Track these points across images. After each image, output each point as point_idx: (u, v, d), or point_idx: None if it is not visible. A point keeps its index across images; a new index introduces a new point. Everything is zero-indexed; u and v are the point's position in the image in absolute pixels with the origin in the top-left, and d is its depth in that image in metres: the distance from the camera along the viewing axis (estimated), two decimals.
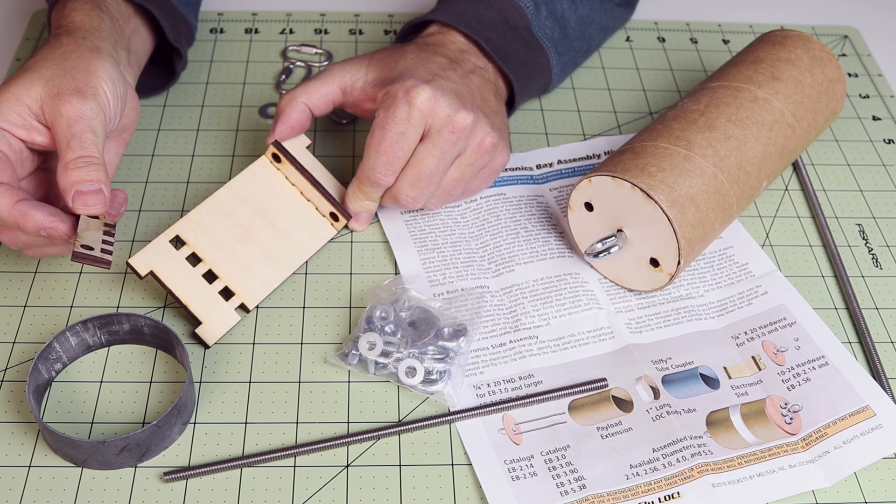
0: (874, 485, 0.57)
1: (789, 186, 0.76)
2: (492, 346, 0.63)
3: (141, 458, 0.56)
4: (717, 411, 0.60)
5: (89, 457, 0.55)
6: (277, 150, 0.68)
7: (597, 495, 0.55)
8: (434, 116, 0.63)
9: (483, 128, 0.65)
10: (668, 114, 0.68)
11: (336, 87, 0.69)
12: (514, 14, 0.73)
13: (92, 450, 0.54)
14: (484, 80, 0.70)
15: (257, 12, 0.89)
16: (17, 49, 0.84)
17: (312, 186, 0.68)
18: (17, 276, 0.66)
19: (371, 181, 0.65)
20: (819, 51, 0.72)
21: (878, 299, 0.68)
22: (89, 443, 0.54)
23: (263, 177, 0.68)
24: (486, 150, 0.66)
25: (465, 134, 0.64)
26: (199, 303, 0.62)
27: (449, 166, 0.66)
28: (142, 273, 0.61)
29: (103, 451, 0.54)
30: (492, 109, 0.68)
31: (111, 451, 0.54)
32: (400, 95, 0.64)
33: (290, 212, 0.68)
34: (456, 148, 0.64)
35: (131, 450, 0.55)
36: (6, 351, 0.61)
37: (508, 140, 0.70)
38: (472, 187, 0.69)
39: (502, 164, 0.69)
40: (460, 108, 0.64)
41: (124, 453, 0.55)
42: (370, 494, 0.56)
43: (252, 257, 0.65)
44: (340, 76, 0.69)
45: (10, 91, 0.59)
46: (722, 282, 0.68)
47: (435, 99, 0.63)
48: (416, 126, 0.63)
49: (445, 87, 0.65)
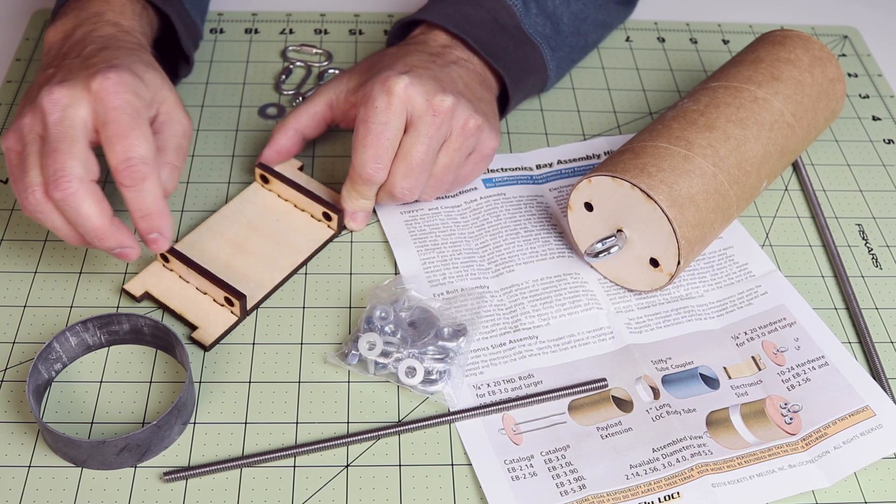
0: (874, 485, 0.57)
1: (789, 186, 0.76)
2: (492, 346, 0.63)
3: (141, 458, 0.56)
4: (717, 411, 0.60)
5: (89, 457, 0.55)
6: (263, 171, 0.70)
7: (597, 495, 0.55)
8: (413, 103, 0.64)
9: (464, 110, 0.65)
10: (667, 114, 0.68)
11: (322, 105, 0.71)
12: (503, 12, 0.73)
13: (92, 450, 0.54)
14: (468, 70, 0.70)
15: (257, 12, 0.89)
16: (18, 49, 0.84)
17: (301, 193, 0.69)
18: (17, 276, 0.66)
19: (363, 178, 0.65)
20: (819, 51, 0.72)
21: (878, 299, 0.68)
22: (89, 443, 0.54)
23: (255, 199, 0.70)
24: (470, 133, 0.66)
25: (447, 117, 0.64)
26: (195, 310, 0.63)
27: (437, 153, 0.66)
28: (136, 295, 0.64)
29: (103, 451, 0.54)
30: (475, 96, 0.69)
31: (111, 451, 0.54)
32: (377, 88, 0.64)
33: (284, 223, 0.69)
34: (441, 132, 0.64)
35: (131, 450, 0.55)
36: (6, 351, 0.61)
37: (497, 126, 0.70)
38: (463, 174, 0.69)
39: (491, 149, 0.69)
40: (438, 92, 0.64)
41: (124, 453, 0.55)
42: (370, 494, 0.56)
43: (248, 265, 0.66)
44: (325, 93, 0.72)
45: (149, 73, 0.61)
46: (722, 282, 0.68)
47: (412, 85, 0.64)
48: (397, 114, 0.63)
49: (423, 74, 0.65)
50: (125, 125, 0.56)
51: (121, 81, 0.57)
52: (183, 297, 0.63)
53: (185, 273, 0.64)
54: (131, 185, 0.56)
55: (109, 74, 0.57)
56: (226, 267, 0.65)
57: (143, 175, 0.56)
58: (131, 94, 0.57)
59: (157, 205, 0.58)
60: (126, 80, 0.57)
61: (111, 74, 0.57)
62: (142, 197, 0.57)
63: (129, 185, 0.56)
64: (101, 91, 0.56)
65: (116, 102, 0.56)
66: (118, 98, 0.56)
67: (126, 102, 0.57)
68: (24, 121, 0.58)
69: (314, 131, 0.72)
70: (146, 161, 0.57)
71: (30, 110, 0.58)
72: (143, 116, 0.57)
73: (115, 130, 0.56)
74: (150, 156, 0.57)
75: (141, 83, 0.59)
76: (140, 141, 0.56)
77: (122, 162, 0.56)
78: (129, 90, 0.57)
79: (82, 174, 0.56)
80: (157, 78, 0.61)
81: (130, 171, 0.56)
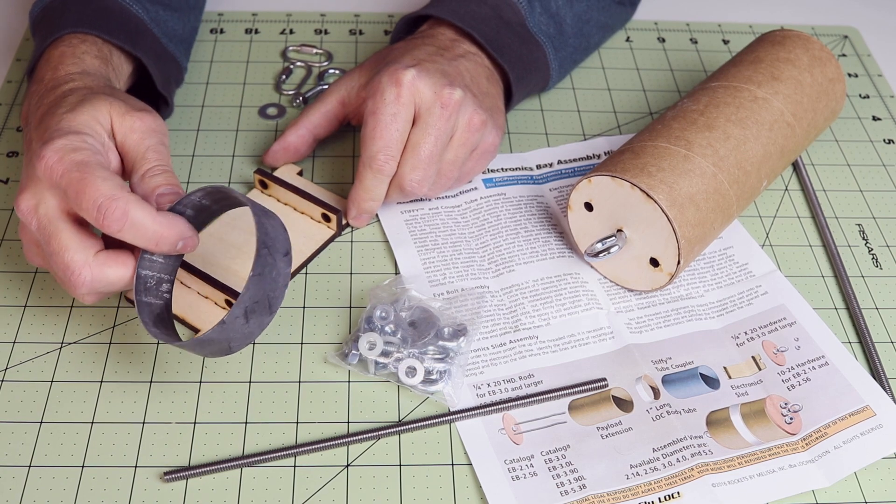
0: (874, 485, 0.57)
1: (789, 186, 0.76)
2: (492, 346, 0.63)
3: (271, 310, 0.54)
4: (717, 411, 0.60)
5: (231, 339, 0.53)
6: (262, 176, 0.70)
7: (597, 495, 0.55)
8: (421, 95, 0.64)
9: (470, 105, 0.65)
10: (667, 114, 0.68)
11: (335, 103, 0.72)
12: (508, 10, 0.74)
13: (224, 332, 0.52)
14: (475, 64, 0.70)
15: (257, 12, 0.89)
16: (18, 49, 0.84)
17: (299, 196, 0.69)
18: (17, 276, 0.66)
19: (373, 170, 0.65)
20: (818, 51, 0.72)
21: (878, 299, 0.68)
22: (215, 330, 0.52)
23: None
24: (475, 128, 0.66)
25: (455, 109, 0.64)
26: (196, 314, 0.63)
27: (446, 145, 0.66)
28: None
29: (232, 329, 0.52)
30: (481, 91, 0.69)
31: (240, 324, 0.52)
32: (385, 80, 0.64)
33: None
34: (449, 125, 0.65)
35: (255, 309, 0.53)
36: (6, 351, 0.61)
37: (502, 122, 0.71)
38: (466, 170, 0.69)
39: (493, 145, 0.69)
40: (446, 85, 0.64)
41: (253, 316, 0.53)
42: (370, 494, 0.56)
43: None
44: (337, 91, 0.72)
45: (80, 114, 0.58)
46: (722, 282, 0.68)
47: (420, 77, 0.64)
48: (406, 106, 0.64)
49: (431, 67, 0.65)
50: (77, 182, 0.54)
51: (55, 151, 0.55)
52: (184, 302, 0.63)
53: (185, 278, 0.64)
54: (120, 228, 0.54)
55: (43, 153, 0.55)
56: (226, 270, 0.65)
57: (121, 209, 0.53)
58: (69, 153, 0.55)
59: (155, 226, 0.55)
60: (59, 146, 0.55)
61: (45, 152, 0.55)
62: (136, 230, 0.54)
63: (117, 228, 0.54)
64: (46, 172, 0.55)
65: (61, 170, 0.54)
66: (60, 167, 0.54)
67: (68, 166, 0.54)
68: (21, 223, 0.58)
69: (326, 130, 0.73)
70: (114, 196, 0.53)
71: (20, 216, 0.57)
72: (90, 163, 0.55)
73: (74, 192, 0.54)
74: (114, 188, 0.54)
75: (75, 134, 0.56)
76: (96, 184, 0.54)
77: (95, 213, 0.53)
78: (66, 151, 0.55)
79: (85, 257, 0.55)
80: (93, 107, 0.59)
81: (108, 215, 0.53)
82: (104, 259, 0.56)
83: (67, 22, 0.67)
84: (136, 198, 0.54)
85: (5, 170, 0.73)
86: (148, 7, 0.72)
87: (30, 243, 0.59)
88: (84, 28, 0.66)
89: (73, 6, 0.68)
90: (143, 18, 0.71)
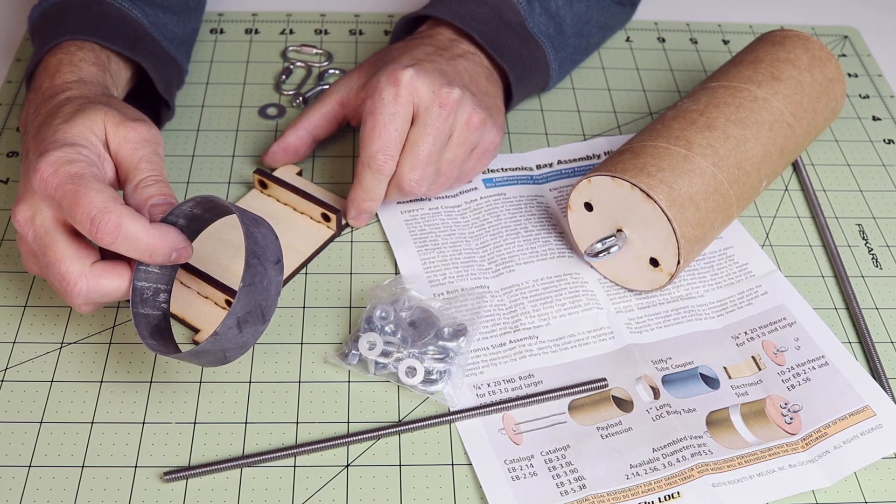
0: (874, 485, 0.57)
1: (789, 186, 0.76)
2: (492, 346, 0.63)
3: (264, 319, 0.54)
4: (717, 411, 0.60)
5: (226, 349, 0.53)
6: (261, 177, 0.70)
7: (597, 495, 0.55)
8: (420, 94, 0.64)
9: (469, 104, 0.66)
10: (667, 114, 0.68)
11: (334, 103, 0.72)
12: (508, 10, 0.74)
13: (219, 342, 0.52)
14: (474, 63, 0.70)
15: (257, 13, 0.89)
16: (18, 49, 0.84)
17: (299, 196, 0.69)
18: (17, 277, 0.66)
19: (372, 169, 0.65)
20: (818, 51, 0.72)
21: (878, 299, 0.68)
22: (209, 341, 0.52)
23: (253, 204, 0.70)
24: (474, 127, 0.66)
25: (453, 109, 0.64)
26: (196, 314, 0.63)
27: (445, 145, 0.66)
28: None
29: (226, 340, 0.52)
30: (480, 90, 0.69)
31: (233, 335, 0.53)
32: (383, 80, 0.64)
33: (283, 226, 0.69)
34: (447, 124, 0.65)
35: (247, 319, 0.53)
36: (6, 351, 0.61)
37: (502, 121, 0.71)
38: (466, 170, 0.69)
39: (494, 144, 0.69)
40: (444, 84, 0.65)
41: (246, 326, 0.53)
42: (370, 494, 0.56)
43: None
44: (336, 92, 0.72)
45: (76, 125, 0.58)
46: (722, 282, 0.68)
47: (419, 77, 0.64)
48: (404, 105, 0.64)
49: (429, 67, 0.66)
50: (71, 195, 0.54)
51: (50, 164, 0.55)
52: (184, 302, 0.63)
53: (185, 278, 0.64)
54: (113, 240, 0.54)
55: (39, 165, 0.55)
56: (226, 270, 0.65)
57: (114, 222, 0.53)
58: (64, 165, 0.55)
59: (148, 238, 0.54)
60: (54, 158, 0.55)
61: (40, 165, 0.55)
62: (129, 242, 0.54)
63: (110, 241, 0.54)
64: (41, 184, 0.55)
65: (55, 183, 0.54)
66: (55, 179, 0.54)
67: (63, 178, 0.54)
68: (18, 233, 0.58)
69: (325, 131, 0.73)
70: (107, 209, 0.53)
71: (16, 227, 0.57)
72: (84, 176, 0.55)
73: (68, 205, 0.54)
74: (107, 201, 0.54)
75: (70, 146, 0.56)
76: (89, 196, 0.54)
77: (89, 225, 0.53)
78: (61, 164, 0.55)
79: (81, 267, 0.55)
80: (88, 118, 0.59)
81: (101, 228, 0.53)
82: (100, 270, 0.56)
83: (66, 29, 0.67)
84: (130, 210, 0.54)
85: (5, 170, 0.73)
86: (147, 11, 0.72)
87: (27, 253, 0.59)
88: (82, 35, 0.66)
89: (71, 12, 0.68)
90: (142, 23, 0.71)
